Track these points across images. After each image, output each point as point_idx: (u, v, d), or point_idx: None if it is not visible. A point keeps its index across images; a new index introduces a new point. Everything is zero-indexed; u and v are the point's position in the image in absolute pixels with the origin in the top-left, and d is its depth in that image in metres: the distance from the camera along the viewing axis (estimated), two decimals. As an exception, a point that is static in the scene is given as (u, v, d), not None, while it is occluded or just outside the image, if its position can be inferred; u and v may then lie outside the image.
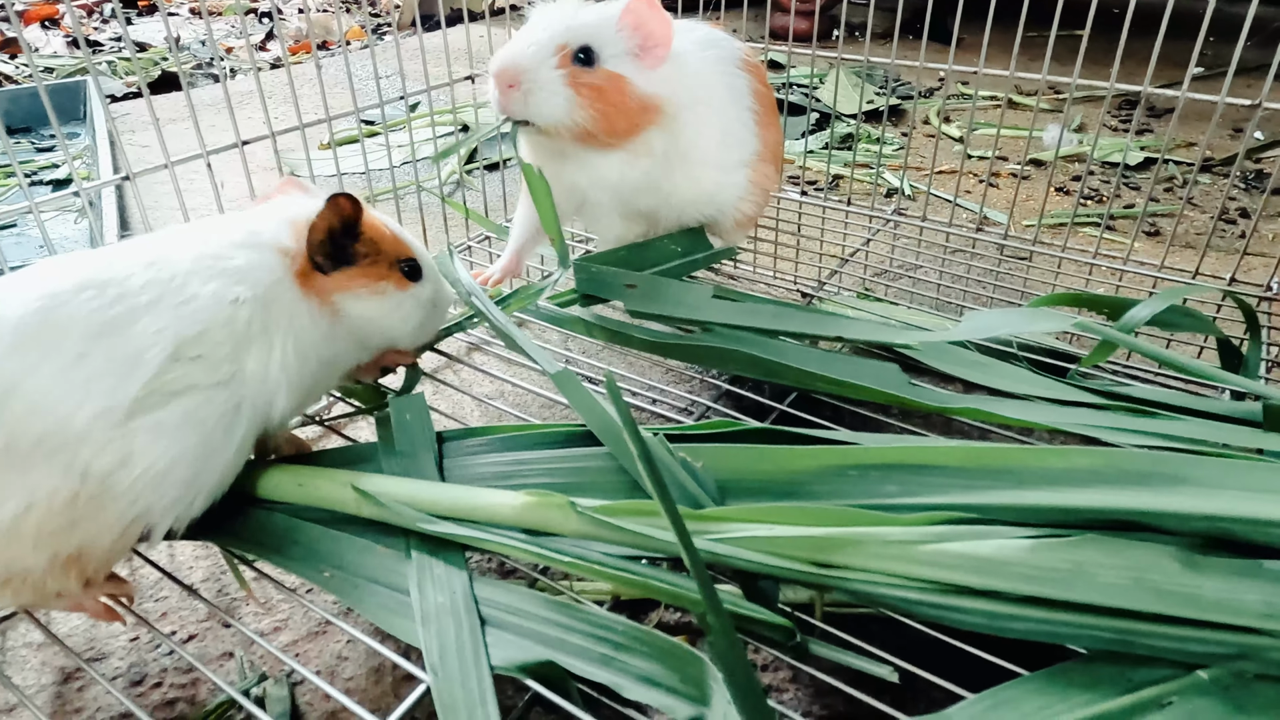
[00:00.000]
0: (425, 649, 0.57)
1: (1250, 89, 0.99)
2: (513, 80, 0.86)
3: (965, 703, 0.52)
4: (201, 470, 0.61)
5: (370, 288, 0.74)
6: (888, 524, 0.58)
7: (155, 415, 0.58)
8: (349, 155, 1.88)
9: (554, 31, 0.87)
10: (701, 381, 1.09)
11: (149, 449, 0.58)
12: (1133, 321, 0.82)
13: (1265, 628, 0.50)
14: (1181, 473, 0.57)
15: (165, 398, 0.59)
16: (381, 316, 0.76)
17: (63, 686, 0.73)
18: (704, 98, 0.97)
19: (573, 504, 0.63)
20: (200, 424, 0.60)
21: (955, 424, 0.97)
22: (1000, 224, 1.39)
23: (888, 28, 3.08)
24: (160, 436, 0.58)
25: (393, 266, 0.76)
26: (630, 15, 0.88)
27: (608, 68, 0.88)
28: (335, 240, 0.72)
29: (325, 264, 0.71)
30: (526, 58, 0.86)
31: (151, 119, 0.86)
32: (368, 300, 0.74)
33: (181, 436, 0.59)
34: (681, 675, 0.54)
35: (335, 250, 0.72)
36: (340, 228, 0.71)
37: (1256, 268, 1.39)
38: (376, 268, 0.75)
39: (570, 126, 0.88)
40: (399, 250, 0.77)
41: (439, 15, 1.20)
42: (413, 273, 0.78)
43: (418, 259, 0.78)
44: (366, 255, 0.74)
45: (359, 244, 0.73)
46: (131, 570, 0.84)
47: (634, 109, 0.89)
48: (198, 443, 0.60)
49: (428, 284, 0.80)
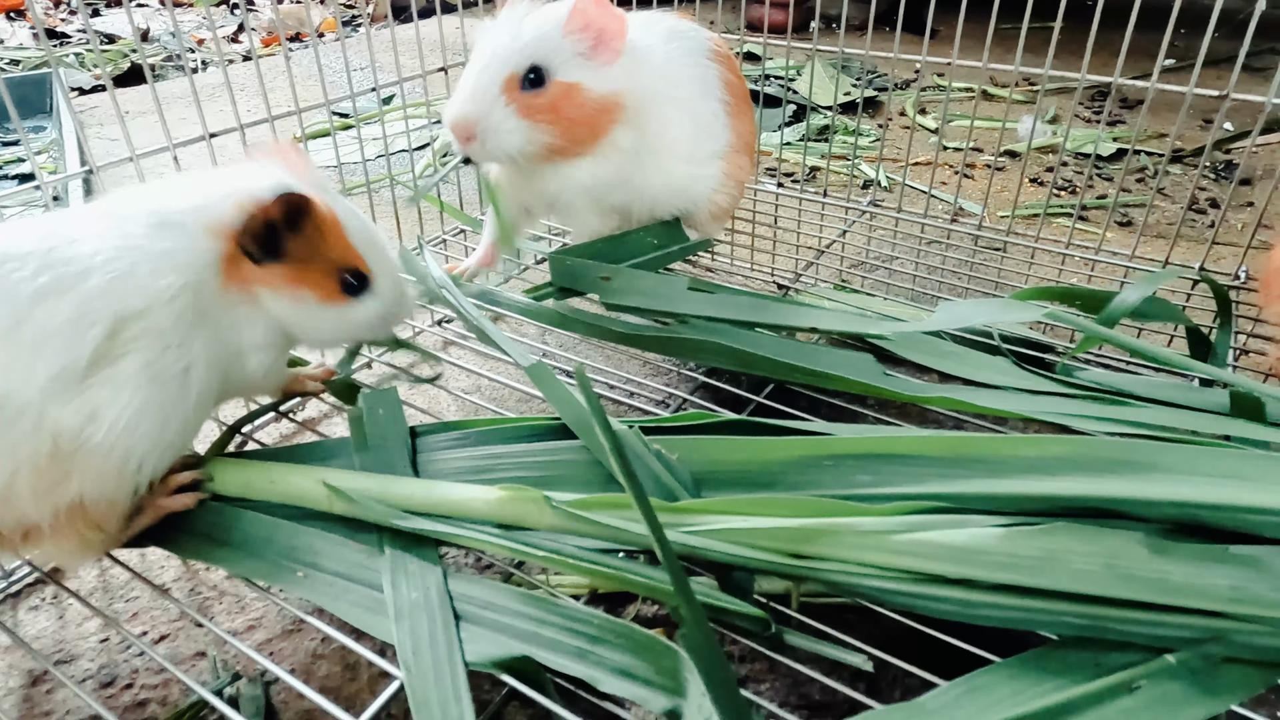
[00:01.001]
0: (398, 646, 0.56)
1: (1221, 80, 1.00)
2: (468, 134, 0.86)
3: (939, 690, 0.52)
4: (168, 418, 0.62)
5: (291, 292, 0.68)
6: (862, 514, 0.58)
7: (111, 370, 0.58)
8: (322, 149, 1.86)
9: (498, 63, 0.85)
10: (679, 374, 1.09)
11: (113, 402, 0.58)
12: (1117, 312, 0.83)
13: (1232, 611, 0.50)
14: (1151, 460, 0.58)
15: (117, 358, 0.59)
16: (297, 323, 0.70)
17: (31, 689, 0.72)
18: (670, 90, 0.96)
19: (547, 498, 0.63)
20: (155, 378, 0.60)
21: (931, 414, 0.98)
22: (975, 215, 1.39)
23: (863, 19, 3.09)
24: (120, 390, 0.59)
25: (330, 274, 0.70)
26: (578, 16, 0.86)
27: (560, 78, 0.86)
28: (273, 231, 0.66)
29: (257, 254, 0.66)
30: (474, 108, 0.85)
31: (116, 112, 0.84)
32: (285, 303, 0.68)
33: (140, 388, 0.59)
34: (657, 668, 0.54)
35: (268, 242, 0.66)
36: (282, 221, 0.66)
37: (1225, 257, 1.40)
38: (310, 272, 0.69)
39: (534, 152, 0.88)
40: (345, 258, 0.70)
41: (412, 7, 1.18)
42: (353, 286, 0.71)
43: (368, 272, 0.72)
44: (301, 257, 0.68)
45: (296, 242, 0.67)
46: (101, 571, 0.83)
47: (593, 114, 0.88)
48: (157, 393, 0.60)
49: (373, 301, 0.73)
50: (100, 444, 0.58)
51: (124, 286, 0.59)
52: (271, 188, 0.66)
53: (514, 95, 0.86)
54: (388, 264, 0.74)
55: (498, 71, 0.86)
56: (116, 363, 0.58)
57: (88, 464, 0.59)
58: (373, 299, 0.73)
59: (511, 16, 0.89)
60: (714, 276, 1.23)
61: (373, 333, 0.75)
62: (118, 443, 0.59)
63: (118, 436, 0.59)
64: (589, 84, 0.87)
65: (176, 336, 0.61)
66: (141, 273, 0.60)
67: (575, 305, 0.93)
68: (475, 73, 0.87)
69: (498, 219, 0.99)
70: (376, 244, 0.73)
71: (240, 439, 0.91)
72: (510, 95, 0.86)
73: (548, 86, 0.86)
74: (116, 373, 0.58)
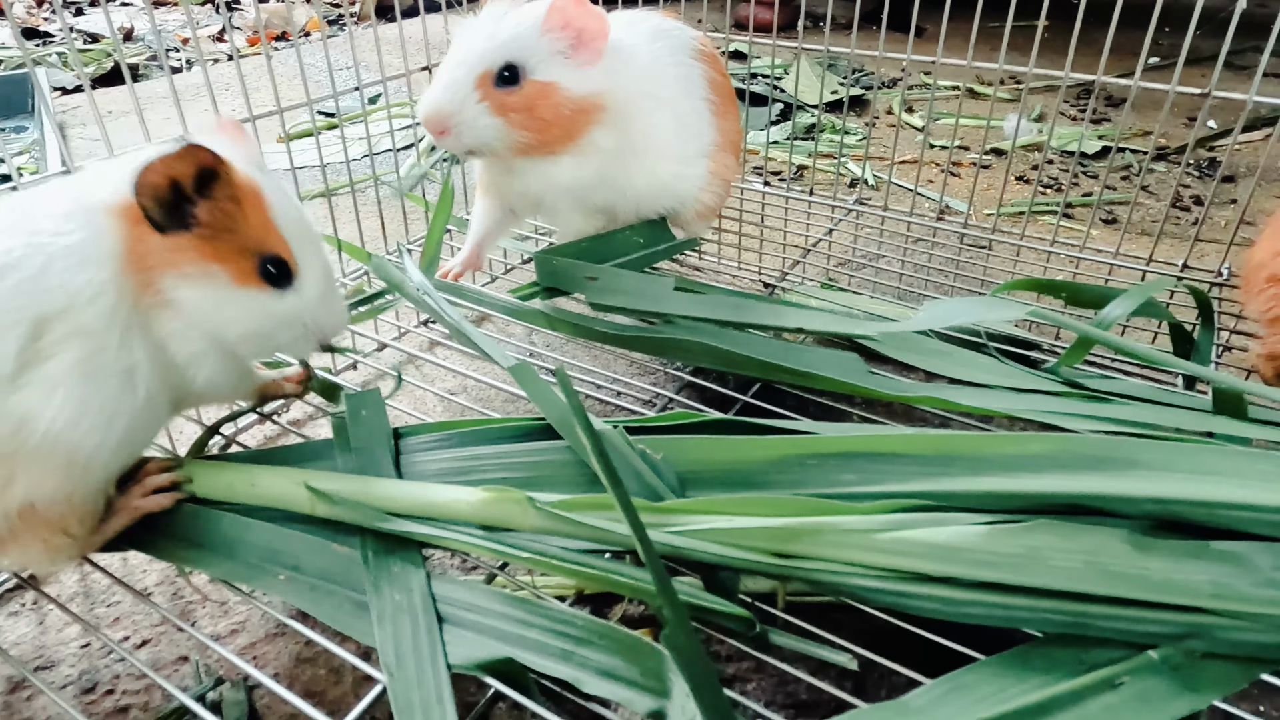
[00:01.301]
0: (380, 649, 0.56)
1: (1204, 78, 1.00)
2: (441, 128, 0.86)
3: (924, 688, 0.52)
4: (113, 416, 0.59)
5: (200, 268, 0.60)
6: (846, 513, 0.58)
7: (41, 371, 0.56)
8: (305, 149, 1.85)
9: (473, 59, 0.86)
10: (665, 374, 1.09)
11: (47, 402, 0.56)
12: (1105, 324, 0.83)
13: (1213, 607, 0.50)
14: (1133, 457, 0.58)
15: (46, 358, 0.56)
16: (210, 312, 0.61)
17: (10, 696, 0.71)
18: (654, 90, 0.96)
19: (531, 499, 0.62)
20: (91, 376, 0.58)
21: (916, 412, 0.98)
22: (961, 213, 1.40)
23: (850, 18, 3.09)
24: (54, 390, 0.56)
25: (246, 254, 0.61)
26: (556, 15, 0.86)
27: (537, 77, 0.86)
28: (178, 192, 0.58)
29: (160, 219, 0.58)
30: (446, 101, 0.85)
31: (94, 113, 0.83)
32: (194, 286, 0.60)
33: (75, 387, 0.57)
34: (641, 669, 0.54)
35: (173, 207, 0.59)
36: (192, 181, 0.58)
37: (1209, 254, 1.41)
38: (221, 247, 0.60)
39: (508, 148, 0.88)
40: (265, 240, 0.62)
41: (396, 7, 1.18)
42: (274, 275, 0.63)
43: (292, 264, 0.63)
44: (211, 227, 0.60)
45: (206, 209, 0.59)
46: (82, 576, 0.82)
47: (570, 115, 0.88)
48: (96, 391, 0.58)
49: (294, 299, 0.64)
50: (39, 446, 0.56)
51: (39, 285, 0.56)
52: (177, 144, 0.58)
53: (488, 92, 0.86)
54: (319, 263, 0.66)
55: (472, 67, 0.85)
56: (46, 363, 0.56)
57: (30, 467, 0.57)
58: (295, 296, 0.64)
59: (491, 14, 0.88)
60: (701, 275, 1.23)
61: (293, 338, 0.66)
62: (58, 443, 0.57)
63: (56, 437, 0.56)
64: (567, 84, 0.87)
65: (112, 337, 0.58)
66: (56, 269, 0.56)
67: (561, 305, 0.92)
68: (450, 68, 0.87)
69: (437, 223, 1.02)
70: (308, 237, 0.65)
71: (224, 441, 0.90)
72: (484, 91, 0.85)
73: (522, 85, 0.86)
74: (47, 373, 0.56)
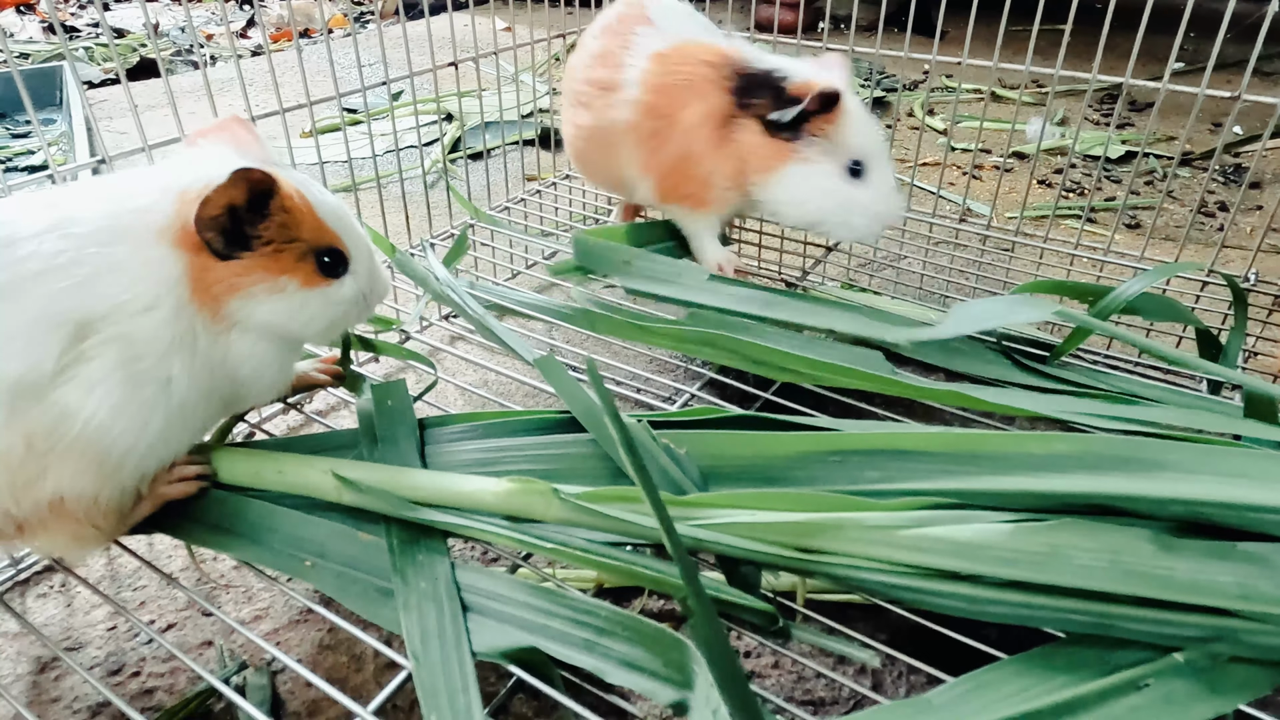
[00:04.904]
0: (406, 635, 0.57)
1: (1230, 84, 0.99)
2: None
3: (945, 686, 0.52)
4: (149, 420, 0.59)
5: (270, 284, 0.62)
6: (869, 509, 0.58)
7: (83, 370, 0.56)
8: (331, 144, 1.87)
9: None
10: (686, 370, 1.09)
11: (84, 402, 0.56)
12: (1116, 301, 0.83)
13: (1239, 609, 0.50)
14: (1158, 458, 0.58)
15: (89, 359, 0.57)
16: (285, 321, 0.64)
17: (39, 676, 0.73)
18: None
19: (555, 490, 0.63)
20: (130, 380, 0.58)
21: (937, 412, 0.98)
22: (983, 215, 1.39)
23: (873, 20, 3.08)
24: (92, 390, 0.56)
25: (307, 257, 0.64)
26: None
27: None
28: (235, 217, 0.60)
29: (223, 249, 0.60)
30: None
31: (129, 104, 0.85)
32: (267, 302, 0.63)
33: (114, 390, 0.57)
34: (664, 660, 0.54)
35: (232, 231, 0.61)
36: (245, 205, 0.60)
37: (1234, 260, 1.40)
38: (285, 258, 0.63)
39: None
40: (320, 237, 0.65)
41: (423, 3, 1.19)
42: (332, 266, 0.66)
43: (345, 250, 0.66)
44: (272, 242, 0.62)
45: (264, 227, 0.61)
46: (109, 559, 0.83)
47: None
48: (134, 394, 0.58)
49: (352, 281, 0.68)
50: (73, 444, 0.57)
51: (88, 292, 0.57)
52: (226, 169, 0.59)
53: None
54: (361, 239, 0.69)
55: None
56: (87, 364, 0.56)
57: (63, 463, 0.57)
58: (351, 278, 0.68)
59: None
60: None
61: (357, 314, 0.70)
62: (91, 443, 0.57)
63: (90, 437, 0.57)
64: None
65: (153, 349, 0.59)
66: (104, 280, 0.57)
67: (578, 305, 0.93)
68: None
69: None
70: (346, 219, 0.68)
71: (249, 430, 0.91)
72: None
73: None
74: (87, 374, 0.56)
